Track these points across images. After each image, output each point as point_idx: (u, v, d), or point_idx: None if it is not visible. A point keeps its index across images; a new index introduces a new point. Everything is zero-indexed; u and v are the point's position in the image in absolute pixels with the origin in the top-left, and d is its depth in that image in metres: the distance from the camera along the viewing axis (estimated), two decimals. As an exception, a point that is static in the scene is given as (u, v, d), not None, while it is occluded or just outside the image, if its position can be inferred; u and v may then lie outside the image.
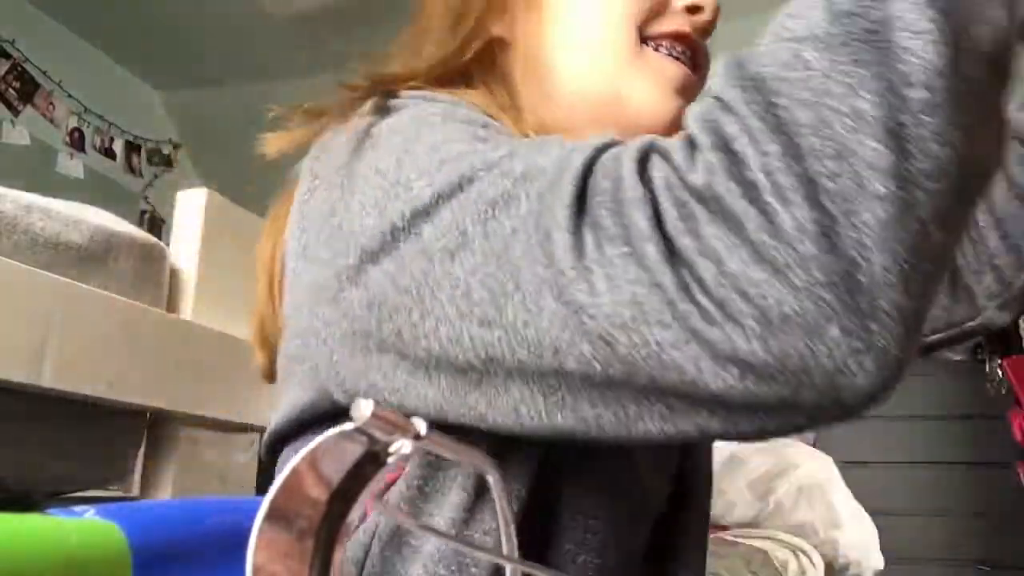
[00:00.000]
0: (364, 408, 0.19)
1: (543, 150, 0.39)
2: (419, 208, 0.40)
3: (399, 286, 0.40)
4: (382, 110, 0.48)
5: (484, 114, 0.49)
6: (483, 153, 0.41)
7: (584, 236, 0.34)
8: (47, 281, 0.75)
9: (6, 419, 0.73)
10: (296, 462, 0.20)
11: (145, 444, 0.92)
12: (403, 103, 0.48)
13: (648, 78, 0.55)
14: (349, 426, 0.20)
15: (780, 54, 0.33)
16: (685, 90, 0.56)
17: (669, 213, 0.33)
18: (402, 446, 0.21)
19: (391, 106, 0.48)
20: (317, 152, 0.51)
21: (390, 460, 0.21)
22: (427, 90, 0.51)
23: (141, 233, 0.91)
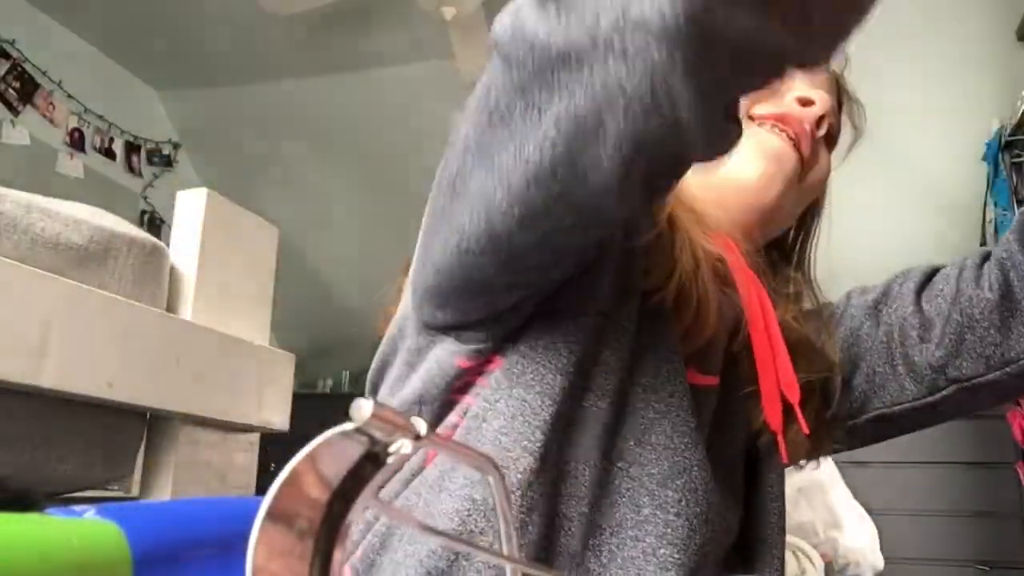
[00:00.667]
0: (364, 408, 0.19)
1: None
2: None
3: None
4: None
5: None
6: None
7: None
8: (47, 281, 0.75)
9: (6, 419, 0.73)
10: (296, 462, 0.20)
11: (145, 444, 0.92)
12: None
13: (745, 145, 0.60)
14: (349, 426, 0.20)
15: None
16: (778, 158, 0.62)
17: None
18: (402, 446, 0.21)
19: None
20: None
21: (390, 460, 0.21)
22: None
23: (141, 233, 0.91)
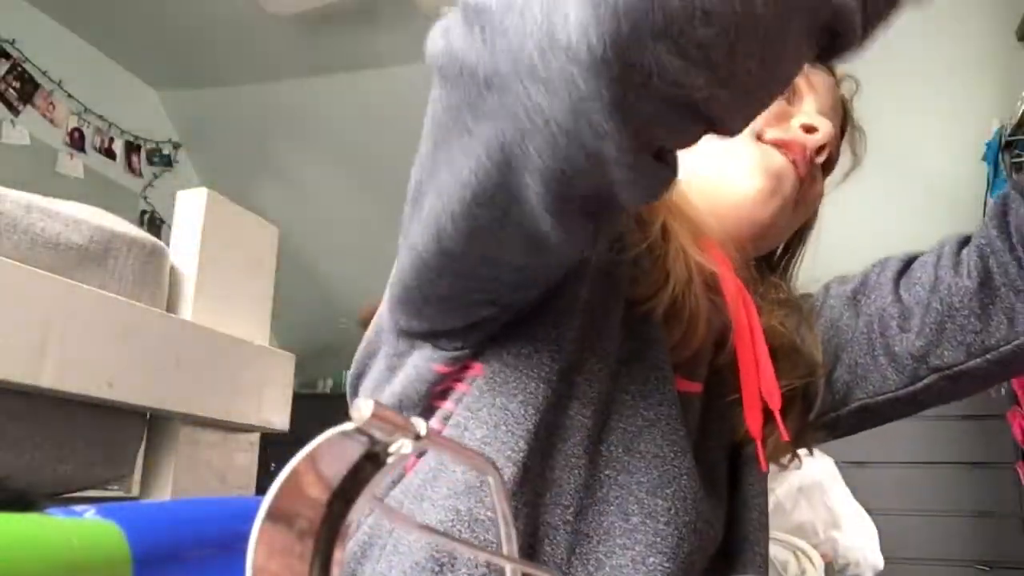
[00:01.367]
0: (364, 408, 0.19)
1: None
2: None
3: None
4: None
5: None
6: None
7: None
8: (47, 281, 0.75)
9: (6, 419, 0.73)
10: (296, 462, 0.20)
11: (145, 444, 0.92)
12: None
13: (747, 161, 0.64)
14: (349, 426, 0.20)
15: None
16: (778, 177, 0.64)
17: None
18: (402, 446, 0.21)
19: None
20: None
21: (390, 460, 0.21)
22: None
23: (141, 233, 0.91)
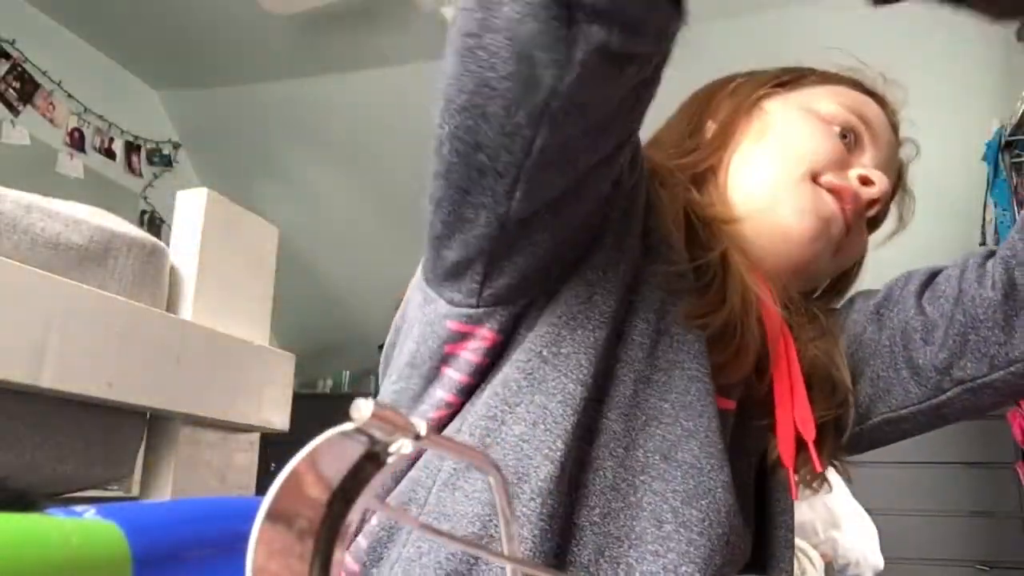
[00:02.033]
0: (364, 408, 0.19)
1: None
2: None
3: None
4: None
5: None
6: None
7: None
8: (47, 281, 0.75)
9: (6, 419, 0.73)
10: (296, 462, 0.20)
11: (145, 444, 0.92)
12: None
13: (800, 201, 0.65)
14: (349, 426, 0.20)
15: None
16: (827, 221, 0.65)
17: None
18: (402, 446, 0.21)
19: None
20: None
21: (390, 460, 0.21)
22: None
23: (141, 233, 0.91)
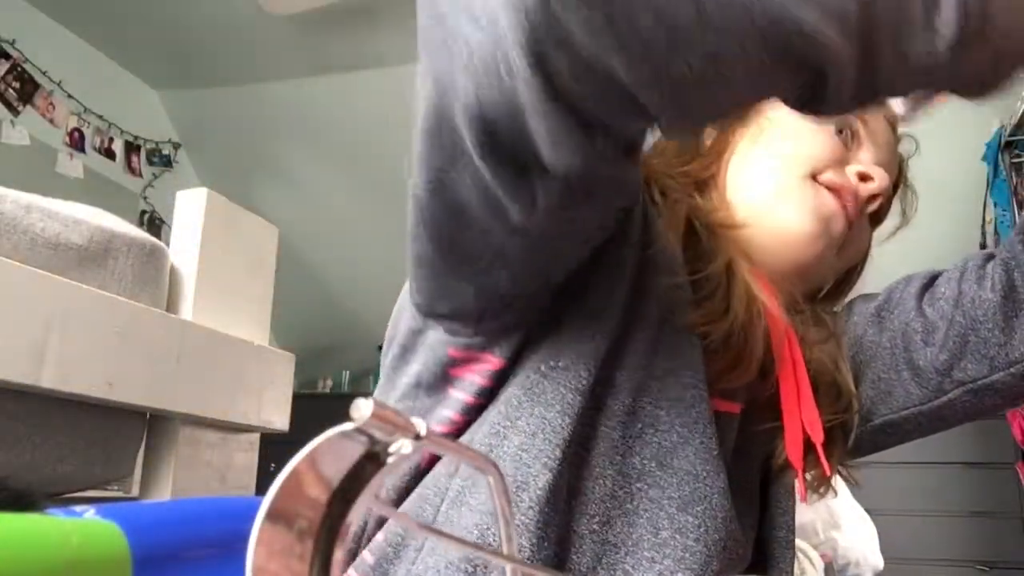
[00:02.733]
0: (364, 408, 0.19)
1: None
2: None
3: None
4: None
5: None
6: None
7: None
8: (47, 281, 0.75)
9: (6, 419, 0.73)
10: (296, 462, 0.20)
11: (145, 444, 0.92)
12: None
13: (801, 200, 0.64)
14: (349, 426, 0.20)
15: None
16: (828, 221, 0.64)
17: None
18: (402, 446, 0.21)
19: None
20: None
21: (390, 460, 0.21)
22: None
23: (141, 233, 0.91)
